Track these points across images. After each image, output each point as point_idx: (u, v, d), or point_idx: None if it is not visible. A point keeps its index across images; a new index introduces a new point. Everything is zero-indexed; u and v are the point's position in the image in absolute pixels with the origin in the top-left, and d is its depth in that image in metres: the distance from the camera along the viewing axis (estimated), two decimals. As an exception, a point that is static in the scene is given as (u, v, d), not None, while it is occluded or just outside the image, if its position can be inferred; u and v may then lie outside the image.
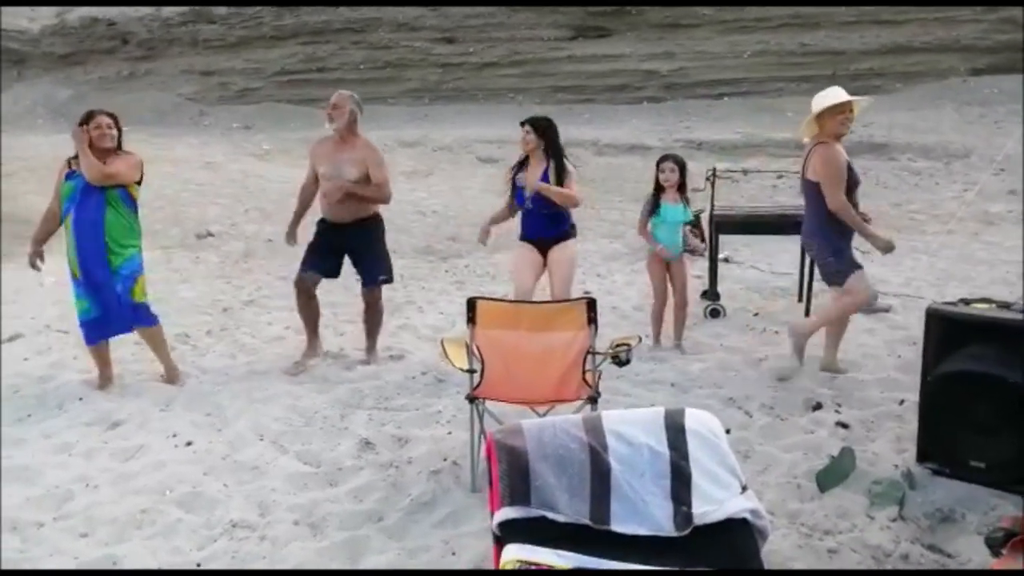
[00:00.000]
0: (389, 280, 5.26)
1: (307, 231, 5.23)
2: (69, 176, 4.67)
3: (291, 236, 5.25)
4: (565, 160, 4.99)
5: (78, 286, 4.69)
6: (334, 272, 5.21)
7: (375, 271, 5.15)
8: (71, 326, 6.05)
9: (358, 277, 5.30)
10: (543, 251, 5.05)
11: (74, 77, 22.50)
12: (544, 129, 4.99)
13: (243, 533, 3.22)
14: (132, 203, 4.74)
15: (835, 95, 4.51)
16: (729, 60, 18.67)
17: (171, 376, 4.89)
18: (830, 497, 3.33)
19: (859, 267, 4.57)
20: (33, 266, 4.84)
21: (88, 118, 4.65)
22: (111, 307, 4.69)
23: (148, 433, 4.16)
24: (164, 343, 4.96)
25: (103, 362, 4.84)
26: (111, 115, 4.71)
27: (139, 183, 4.75)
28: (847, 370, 4.77)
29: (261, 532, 3.22)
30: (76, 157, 4.64)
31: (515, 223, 5.23)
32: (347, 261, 5.23)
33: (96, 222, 4.61)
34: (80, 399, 4.63)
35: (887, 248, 4.54)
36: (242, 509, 3.39)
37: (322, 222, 5.14)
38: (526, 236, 5.10)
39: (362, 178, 4.95)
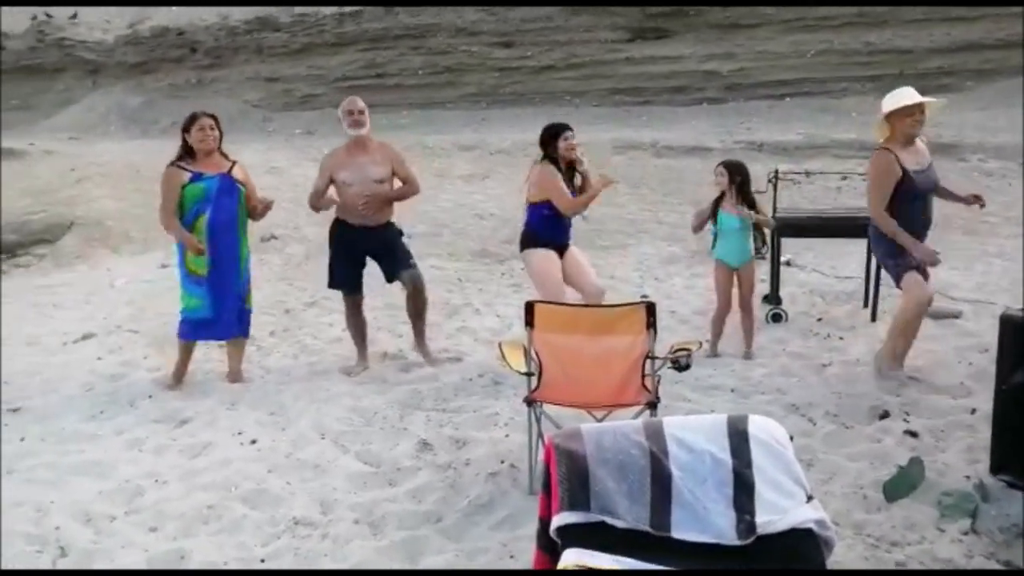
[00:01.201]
0: (416, 266, 5.27)
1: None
2: (196, 179, 4.72)
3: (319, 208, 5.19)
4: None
5: (197, 285, 4.79)
6: (359, 283, 5.23)
7: (402, 257, 5.16)
8: (141, 326, 6.28)
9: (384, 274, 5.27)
10: (560, 253, 5.05)
11: (145, 85, 23.24)
12: None
13: (305, 531, 3.28)
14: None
15: (905, 96, 4.40)
16: (791, 60, 18.27)
17: (235, 377, 5.02)
18: (898, 508, 3.23)
19: (913, 267, 4.49)
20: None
21: (191, 121, 4.78)
22: (230, 311, 4.84)
23: (215, 431, 4.27)
24: (244, 350, 5.12)
25: (185, 360, 4.98)
26: (212, 116, 4.85)
27: None
28: (917, 376, 4.63)
29: (323, 530, 3.28)
30: (182, 158, 4.77)
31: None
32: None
33: (235, 222, 4.81)
34: (150, 397, 4.79)
35: (931, 260, 4.47)
36: (305, 507, 3.46)
37: (342, 224, 5.12)
38: (554, 240, 5.02)
39: (387, 177, 5.04)
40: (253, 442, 4.12)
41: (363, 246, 5.13)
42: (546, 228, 5.00)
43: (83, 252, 9.41)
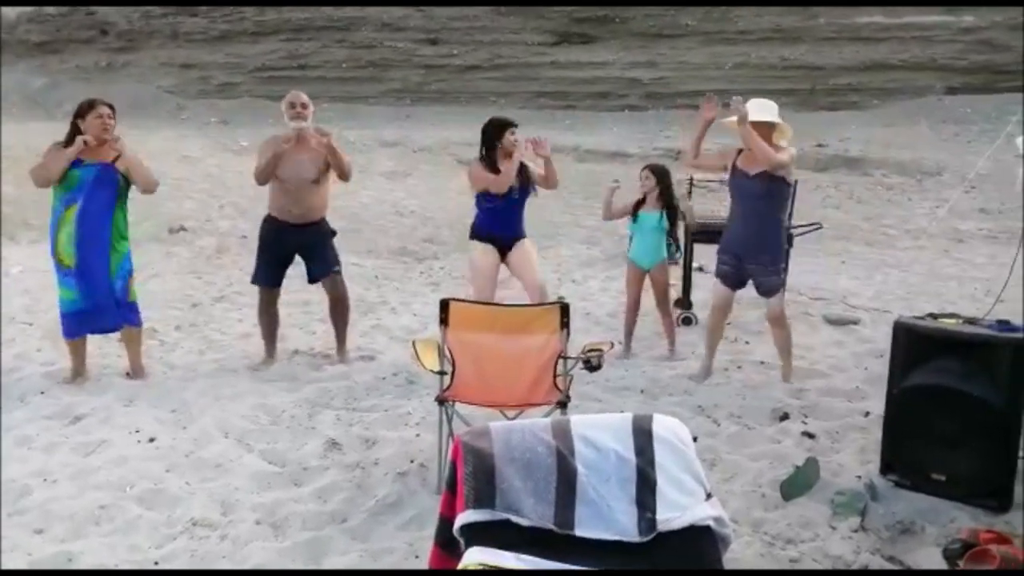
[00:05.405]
0: (340, 272, 5.20)
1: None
2: (74, 166, 4.51)
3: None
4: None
5: (66, 276, 4.60)
6: (281, 279, 5.14)
7: (330, 262, 5.09)
8: (36, 318, 5.96)
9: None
10: (501, 251, 5.06)
11: (49, 66, 22.15)
12: None
13: (204, 532, 3.18)
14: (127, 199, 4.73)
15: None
16: (711, 71, 18.79)
17: (136, 372, 4.84)
18: (794, 507, 3.35)
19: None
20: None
21: (89, 107, 4.58)
22: (104, 302, 4.63)
23: (110, 428, 4.09)
24: (140, 343, 4.92)
25: (78, 355, 4.77)
26: (110, 105, 4.66)
27: None
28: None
29: (222, 531, 3.18)
30: (67, 142, 4.52)
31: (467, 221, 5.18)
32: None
33: (105, 215, 4.58)
34: (42, 392, 4.55)
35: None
36: (204, 507, 3.34)
37: (273, 221, 5.01)
38: (490, 233, 5.05)
39: (320, 176, 4.92)
40: (151, 440, 3.96)
41: (292, 243, 5.00)
42: (487, 221, 5.06)
43: (-25, 239, 8.87)
